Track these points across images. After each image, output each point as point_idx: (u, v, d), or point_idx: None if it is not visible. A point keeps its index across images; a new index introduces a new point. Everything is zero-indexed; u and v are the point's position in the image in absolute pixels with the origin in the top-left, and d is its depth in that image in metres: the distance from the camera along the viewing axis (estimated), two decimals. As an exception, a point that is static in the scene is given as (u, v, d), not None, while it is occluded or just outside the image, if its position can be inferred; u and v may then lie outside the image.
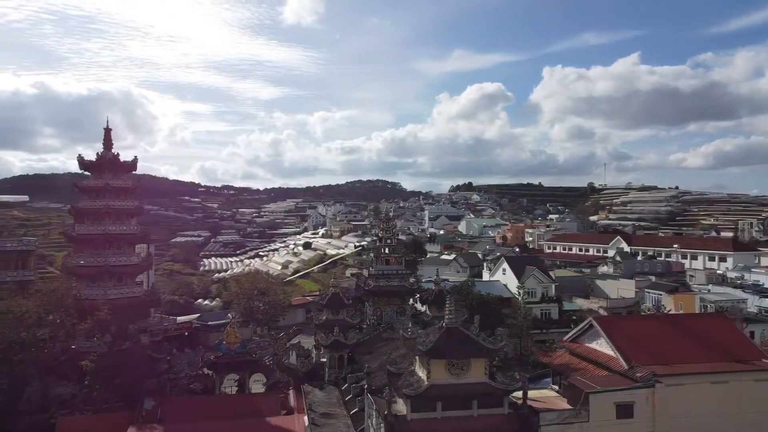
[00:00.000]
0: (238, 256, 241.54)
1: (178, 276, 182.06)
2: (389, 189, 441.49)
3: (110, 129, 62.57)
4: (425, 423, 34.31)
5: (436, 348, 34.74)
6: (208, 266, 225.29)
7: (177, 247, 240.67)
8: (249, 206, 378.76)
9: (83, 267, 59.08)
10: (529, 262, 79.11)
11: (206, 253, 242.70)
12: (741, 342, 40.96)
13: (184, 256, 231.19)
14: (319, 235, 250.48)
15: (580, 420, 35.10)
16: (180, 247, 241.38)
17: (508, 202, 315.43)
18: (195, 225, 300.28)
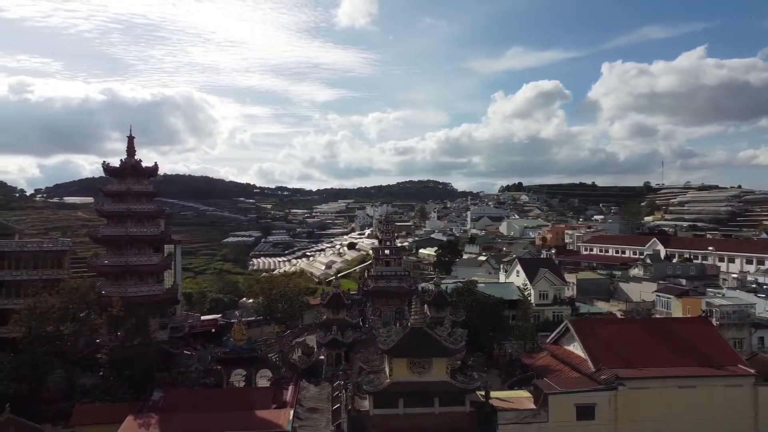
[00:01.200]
0: (287, 256, 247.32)
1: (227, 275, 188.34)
2: (440, 189, 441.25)
3: (133, 137, 66.60)
4: (387, 418, 35.92)
5: (397, 347, 36.31)
6: (257, 266, 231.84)
7: (228, 247, 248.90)
8: (301, 207, 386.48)
9: (107, 266, 63.34)
10: (543, 264, 78.87)
11: (256, 253, 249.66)
12: (719, 347, 40.59)
13: (234, 255, 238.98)
14: (365, 236, 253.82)
15: (539, 420, 35.88)
16: (231, 247, 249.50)
17: (558, 202, 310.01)
18: (248, 225, 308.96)
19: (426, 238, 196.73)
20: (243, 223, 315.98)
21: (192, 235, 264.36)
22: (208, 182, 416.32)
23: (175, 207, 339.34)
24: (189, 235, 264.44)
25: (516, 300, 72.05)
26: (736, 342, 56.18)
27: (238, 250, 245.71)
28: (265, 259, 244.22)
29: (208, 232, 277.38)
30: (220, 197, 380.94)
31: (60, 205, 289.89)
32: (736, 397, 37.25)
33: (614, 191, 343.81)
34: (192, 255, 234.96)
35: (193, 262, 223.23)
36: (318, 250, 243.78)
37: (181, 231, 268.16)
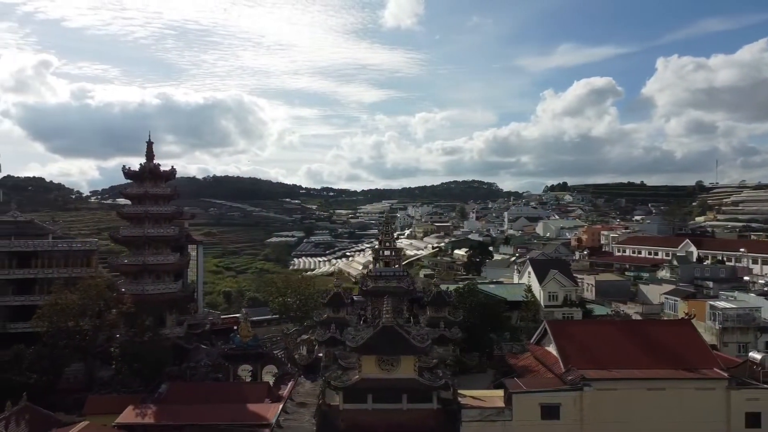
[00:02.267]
0: (327, 256, 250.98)
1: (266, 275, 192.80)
2: (484, 189, 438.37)
3: (152, 142, 70.06)
4: (356, 413, 37.36)
5: (366, 344, 37.73)
6: (297, 265, 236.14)
7: (271, 247, 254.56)
8: (346, 207, 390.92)
9: (126, 265, 66.98)
10: (554, 265, 78.39)
11: (297, 253, 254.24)
12: (698, 350, 40.26)
13: (276, 255, 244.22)
14: (405, 236, 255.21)
15: (502, 418, 36.59)
16: (273, 247, 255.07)
17: (604, 202, 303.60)
18: (292, 226, 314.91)
19: (462, 238, 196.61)
20: (287, 223, 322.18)
21: (237, 235, 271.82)
22: (255, 183, 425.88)
23: (223, 208, 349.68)
24: (234, 235, 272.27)
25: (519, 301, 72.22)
26: (741, 346, 55.07)
27: (279, 250, 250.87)
28: (306, 258, 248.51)
29: (253, 232, 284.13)
30: (266, 198, 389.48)
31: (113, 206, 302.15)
32: (708, 400, 36.95)
33: (664, 191, 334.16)
34: (235, 255, 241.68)
35: (236, 261, 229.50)
36: (357, 251, 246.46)
37: (227, 231, 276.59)
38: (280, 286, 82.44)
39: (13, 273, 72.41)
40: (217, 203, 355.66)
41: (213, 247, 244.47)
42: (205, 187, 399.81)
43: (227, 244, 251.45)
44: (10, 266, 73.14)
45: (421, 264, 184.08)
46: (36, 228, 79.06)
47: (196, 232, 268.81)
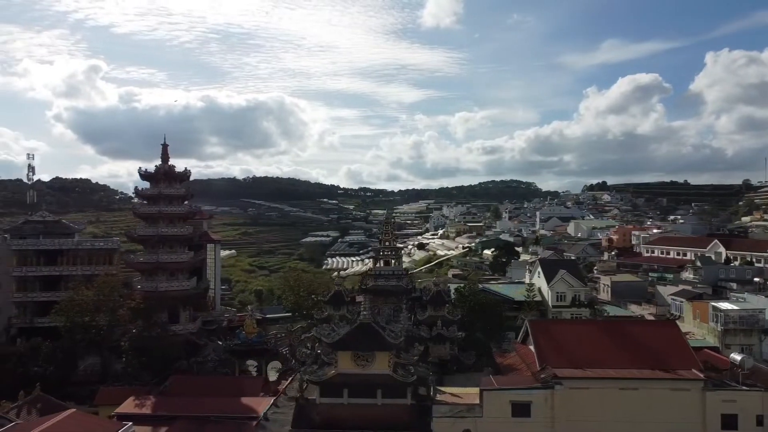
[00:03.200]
0: (361, 255, 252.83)
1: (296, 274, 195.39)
2: (523, 189, 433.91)
3: (167, 144, 72.73)
4: (332, 407, 38.49)
5: (342, 340, 38.83)
6: (330, 265, 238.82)
7: (305, 246, 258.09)
8: (383, 207, 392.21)
9: (141, 263, 69.82)
10: (564, 265, 77.72)
11: (331, 253, 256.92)
12: (678, 351, 39.90)
13: (309, 255, 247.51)
14: (438, 236, 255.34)
15: (473, 415, 37.12)
16: (307, 246, 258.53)
17: (644, 202, 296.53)
18: (328, 225, 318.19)
19: (492, 238, 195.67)
20: (324, 223, 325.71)
21: (272, 235, 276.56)
22: (293, 184, 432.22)
23: (261, 208, 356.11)
24: (270, 234, 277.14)
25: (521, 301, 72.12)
26: (744, 348, 53.86)
27: (313, 249, 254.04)
28: (340, 258, 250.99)
29: (289, 232, 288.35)
30: (304, 198, 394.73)
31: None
32: (683, 401, 36.62)
33: (708, 190, 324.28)
34: (270, 254, 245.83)
35: (270, 260, 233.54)
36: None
37: (263, 231, 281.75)
38: (292, 284, 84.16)
39: (40, 270, 76.37)
40: (256, 203, 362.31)
41: (248, 246, 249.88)
42: (245, 187, 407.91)
43: (262, 244, 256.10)
44: (38, 263, 77.19)
45: (450, 264, 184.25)
46: (63, 227, 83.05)
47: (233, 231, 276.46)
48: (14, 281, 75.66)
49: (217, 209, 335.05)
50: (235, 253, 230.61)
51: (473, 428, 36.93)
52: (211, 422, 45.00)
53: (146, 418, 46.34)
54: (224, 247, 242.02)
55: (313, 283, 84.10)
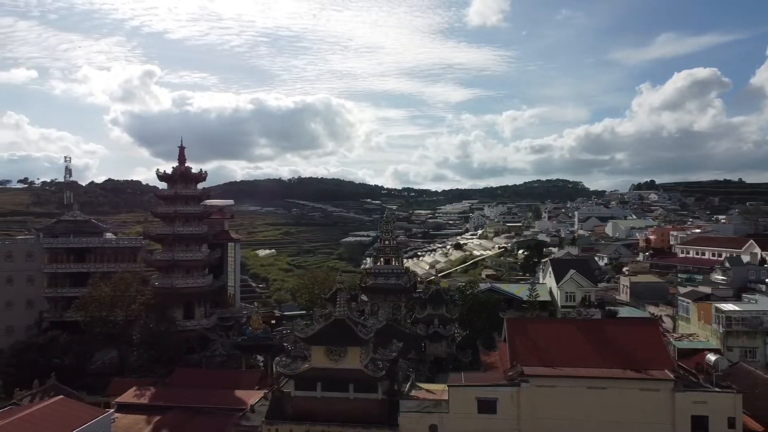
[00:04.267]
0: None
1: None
2: (569, 189, 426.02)
3: (184, 147, 75.86)
4: (306, 400, 39.70)
5: (315, 335, 40.01)
6: (367, 264, 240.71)
7: (344, 246, 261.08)
8: (426, 207, 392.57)
9: (158, 261, 72.85)
10: (575, 265, 76.63)
11: (370, 252, 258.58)
12: (655, 351, 39.29)
13: (348, 254, 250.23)
14: (477, 236, 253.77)
15: (440, 411, 37.65)
16: (347, 246, 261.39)
17: (694, 201, 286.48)
18: (370, 225, 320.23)
19: (529, 239, 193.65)
20: (365, 223, 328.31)
21: (314, 235, 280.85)
22: (338, 184, 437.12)
23: (305, 208, 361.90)
24: (311, 234, 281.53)
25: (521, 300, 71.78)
26: (747, 351, 52.40)
27: (352, 249, 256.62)
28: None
29: (330, 231, 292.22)
30: (348, 198, 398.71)
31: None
32: (652, 401, 36.11)
33: (764, 188, 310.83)
34: (310, 253, 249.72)
35: (309, 260, 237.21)
36: (429, 250, 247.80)
37: (304, 231, 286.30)
38: (307, 283, 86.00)
39: (68, 267, 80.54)
40: (300, 204, 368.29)
41: (289, 245, 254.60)
42: (290, 188, 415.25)
43: (303, 243, 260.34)
44: (68, 261, 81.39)
45: (484, 264, 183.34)
46: (92, 227, 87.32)
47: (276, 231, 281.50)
48: (46, 277, 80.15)
49: (261, 209, 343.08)
50: (275, 253, 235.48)
51: (439, 424, 37.47)
52: (202, 413, 47.03)
53: (143, 407, 48.82)
54: (265, 246, 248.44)
55: (327, 281, 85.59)
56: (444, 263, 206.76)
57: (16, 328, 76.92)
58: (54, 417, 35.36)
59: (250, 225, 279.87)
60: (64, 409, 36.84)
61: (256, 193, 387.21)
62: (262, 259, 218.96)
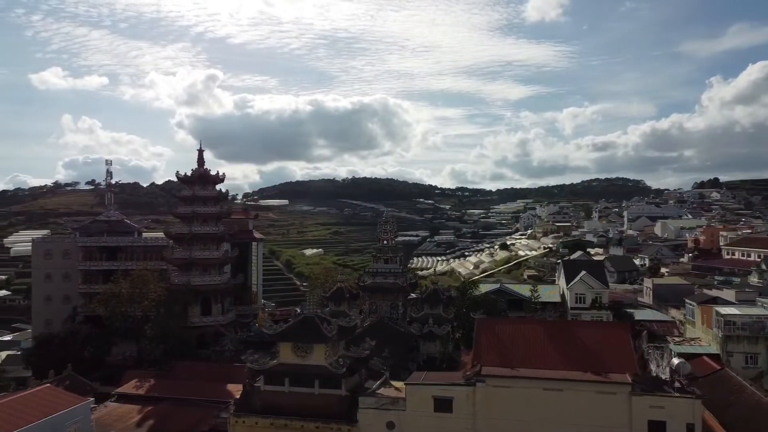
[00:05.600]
0: (447, 255, 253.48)
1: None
2: (630, 187, 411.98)
3: (203, 150, 78.94)
4: (275, 395, 41.06)
5: (283, 332, 41.36)
6: (415, 264, 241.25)
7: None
8: (480, 207, 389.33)
9: (176, 259, 76.10)
10: (587, 266, 74.79)
11: (418, 252, 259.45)
12: (620, 355, 38.48)
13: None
14: (526, 236, 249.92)
15: (397, 408, 38.19)
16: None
17: (761, 200, 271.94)
18: (420, 225, 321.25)
19: (575, 239, 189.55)
20: (416, 222, 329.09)
21: (362, 234, 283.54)
22: (391, 184, 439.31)
23: (357, 208, 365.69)
24: (360, 234, 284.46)
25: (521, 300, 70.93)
26: (748, 357, 50.28)
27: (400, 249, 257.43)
28: (425, 257, 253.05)
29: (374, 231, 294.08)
30: (401, 198, 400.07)
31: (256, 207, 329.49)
32: (609, 405, 35.40)
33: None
34: (358, 253, 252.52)
35: (355, 259, 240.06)
36: (476, 250, 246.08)
37: (353, 230, 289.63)
38: (323, 281, 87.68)
39: (100, 264, 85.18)
40: (352, 204, 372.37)
41: (337, 245, 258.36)
42: (343, 188, 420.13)
43: (351, 243, 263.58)
44: (101, 259, 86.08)
45: (527, 264, 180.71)
46: (125, 226, 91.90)
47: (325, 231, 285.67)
48: (81, 274, 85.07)
49: (314, 209, 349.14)
50: (321, 252, 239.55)
51: (397, 421, 38.05)
52: (191, 404, 49.34)
53: (139, 398, 51.66)
54: (313, 246, 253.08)
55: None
56: (488, 263, 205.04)
57: (54, 321, 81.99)
58: (35, 403, 38.13)
59: (301, 224, 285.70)
60: (47, 397, 39.61)
61: (310, 194, 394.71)
62: (308, 258, 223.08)
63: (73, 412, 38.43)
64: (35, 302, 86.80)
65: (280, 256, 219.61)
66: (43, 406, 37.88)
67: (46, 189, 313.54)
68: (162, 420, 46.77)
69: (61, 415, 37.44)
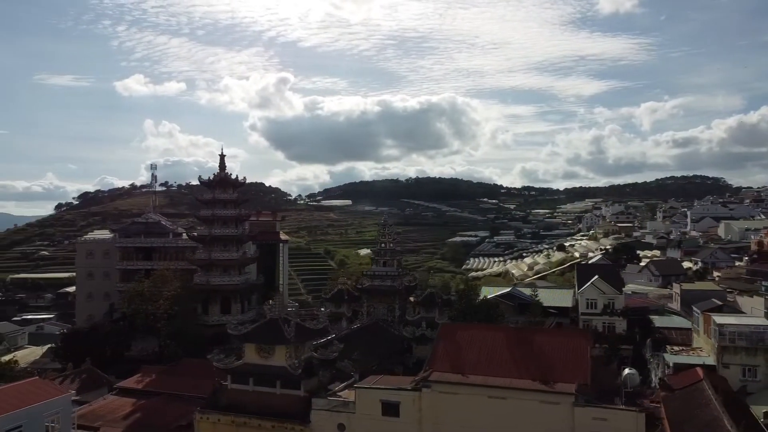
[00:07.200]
0: (505, 256, 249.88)
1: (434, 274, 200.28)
2: (708, 185, 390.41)
3: (224, 155, 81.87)
4: (240, 393, 42.68)
5: (248, 333, 42.88)
6: (471, 265, 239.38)
7: (448, 246, 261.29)
8: (546, 207, 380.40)
9: (197, 260, 79.47)
10: (602, 270, 71.93)
11: (476, 253, 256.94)
12: (575, 363, 37.50)
13: (451, 254, 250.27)
14: (587, 237, 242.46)
15: (347, 410, 38.84)
16: (451, 246, 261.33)
17: None
18: (482, 225, 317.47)
19: (633, 240, 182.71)
20: (478, 222, 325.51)
21: (421, 234, 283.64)
22: (454, 184, 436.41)
23: (419, 208, 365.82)
24: (418, 234, 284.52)
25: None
26: (747, 369, 47.31)
27: (457, 249, 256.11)
28: (482, 258, 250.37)
29: (439, 231, 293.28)
30: (464, 198, 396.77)
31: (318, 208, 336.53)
32: (552, 415, 34.54)
33: None
34: (414, 253, 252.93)
35: (410, 259, 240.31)
36: (535, 251, 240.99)
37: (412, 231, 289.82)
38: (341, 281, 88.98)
39: (136, 264, 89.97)
40: (414, 203, 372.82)
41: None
42: (407, 188, 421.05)
43: (407, 243, 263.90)
44: (137, 258, 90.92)
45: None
46: (161, 228, 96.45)
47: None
48: (119, 273, 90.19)
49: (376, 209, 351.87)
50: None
51: (347, 423, 38.68)
52: (181, 400, 51.58)
53: (137, 392, 54.53)
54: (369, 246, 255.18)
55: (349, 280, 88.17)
56: (543, 265, 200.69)
57: (96, 316, 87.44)
58: (19, 394, 41.15)
59: (360, 224, 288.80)
60: (32, 389, 42.54)
61: (373, 194, 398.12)
62: (361, 258, 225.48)
63: (51, 404, 41.06)
64: (79, 299, 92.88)
65: (335, 255, 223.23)
66: (25, 397, 40.77)
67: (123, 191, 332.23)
68: (148, 414, 49.22)
69: (38, 407, 40.06)
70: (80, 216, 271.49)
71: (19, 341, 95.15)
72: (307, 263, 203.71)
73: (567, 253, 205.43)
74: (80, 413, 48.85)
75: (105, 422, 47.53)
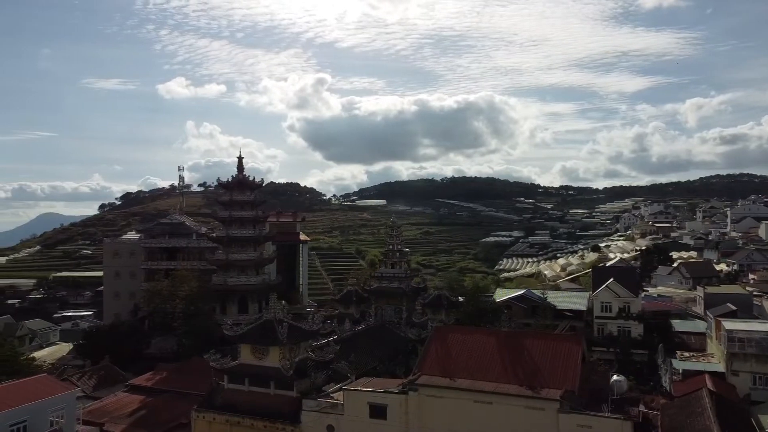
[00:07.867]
0: (539, 256, 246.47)
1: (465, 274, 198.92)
2: (755, 183, 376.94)
3: (242, 158, 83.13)
4: (235, 392, 43.32)
5: (243, 334, 43.49)
6: (504, 265, 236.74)
7: (481, 246, 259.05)
8: (584, 206, 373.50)
9: (216, 260, 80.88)
10: (618, 273, 70.01)
11: (509, 253, 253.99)
12: (564, 369, 36.80)
13: (484, 254, 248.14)
14: (624, 238, 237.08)
15: (336, 412, 39.01)
16: (484, 246, 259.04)
17: None
18: (517, 225, 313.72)
19: (670, 241, 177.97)
20: (513, 222, 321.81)
21: (454, 234, 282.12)
22: (490, 183, 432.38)
23: (454, 208, 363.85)
24: (451, 234, 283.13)
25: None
26: (757, 377, 45.67)
27: (490, 249, 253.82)
28: (516, 258, 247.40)
29: (472, 231, 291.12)
30: (501, 197, 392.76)
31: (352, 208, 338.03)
32: (537, 421, 33.92)
33: None
34: (446, 253, 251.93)
35: (441, 259, 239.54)
36: (570, 252, 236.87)
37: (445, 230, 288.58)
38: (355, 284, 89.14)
39: (159, 264, 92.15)
40: (449, 203, 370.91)
41: (426, 245, 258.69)
42: (442, 188, 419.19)
43: (440, 243, 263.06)
44: (161, 258, 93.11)
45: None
46: (185, 229, 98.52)
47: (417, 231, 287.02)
48: (144, 272, 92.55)
49: (411, 209, 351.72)
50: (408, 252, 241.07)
51: (336, 425, 38.85)
52: (187, 397, 52.59)
53: (146, 389, 55.86)
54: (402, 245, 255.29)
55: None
56: (576, 266, 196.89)
57: (122, 315, 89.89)
58: (25, 390, 42.69)
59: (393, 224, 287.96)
60: (39, 386, 44.08)
61: (409, 193, 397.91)
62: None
63: (55, 401, 42.50)
64: (106, 297, 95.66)
65: (366, 255, 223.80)
66: (29, 393, 42.28)
67: (163, 191, 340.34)
68: (152, 411, 50.36)
69: (43, 402, 41.52)
70: (121, 216, 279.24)
71: (51, 337, 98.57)
72: (338, 263, 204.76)
73: (602, 254, 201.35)
74: (90, 409, 50.58)
75: (110, 419, 48.84)
